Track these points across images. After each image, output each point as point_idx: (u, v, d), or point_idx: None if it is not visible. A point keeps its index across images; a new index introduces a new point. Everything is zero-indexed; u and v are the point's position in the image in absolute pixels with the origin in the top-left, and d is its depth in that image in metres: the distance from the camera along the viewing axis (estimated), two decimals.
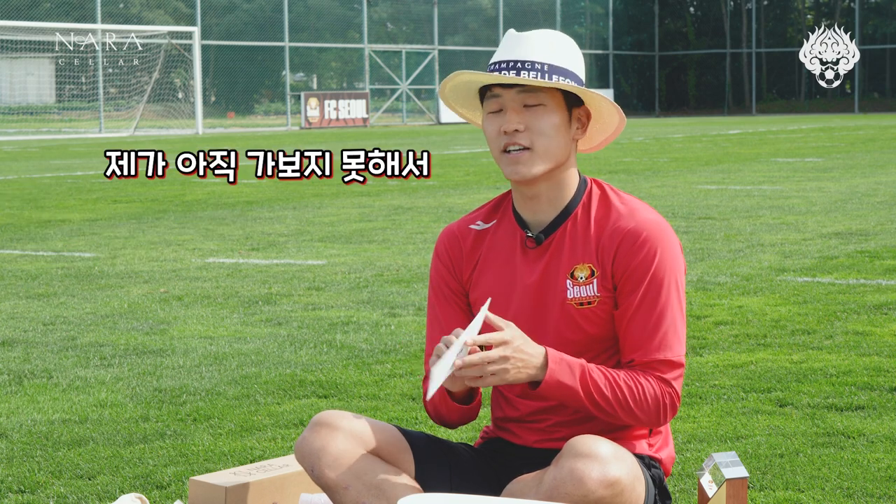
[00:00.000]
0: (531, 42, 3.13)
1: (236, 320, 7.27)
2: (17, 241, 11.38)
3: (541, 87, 3.12)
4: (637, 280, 3.12)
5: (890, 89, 58.71)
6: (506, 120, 3.13)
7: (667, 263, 3.13)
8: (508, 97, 3.13)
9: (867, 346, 6.23)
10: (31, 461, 4.54)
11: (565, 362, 3.02)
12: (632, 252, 3.13)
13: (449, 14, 52.48)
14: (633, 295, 3.12)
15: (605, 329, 3.17)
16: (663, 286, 3.12)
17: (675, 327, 3.13)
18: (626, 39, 59.92)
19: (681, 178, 17.62)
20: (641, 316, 3.12)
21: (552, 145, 3.14)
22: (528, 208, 3.24)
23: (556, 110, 3.14)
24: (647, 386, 3.08)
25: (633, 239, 3.13)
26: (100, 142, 33.58)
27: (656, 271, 3.12)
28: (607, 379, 3.06)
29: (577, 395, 3.03)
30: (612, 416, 3.08)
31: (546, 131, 3.13)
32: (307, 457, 3.12)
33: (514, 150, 3.14)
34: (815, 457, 4.39)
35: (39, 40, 40.22)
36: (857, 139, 28.41)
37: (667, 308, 3.12)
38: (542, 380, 3.00)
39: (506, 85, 3.13)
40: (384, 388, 5.54)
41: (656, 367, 3.11)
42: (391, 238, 11.08)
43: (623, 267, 3.13)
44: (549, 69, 3.10)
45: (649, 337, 3.11)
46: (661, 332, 3.11)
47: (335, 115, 44.27)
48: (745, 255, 9.53)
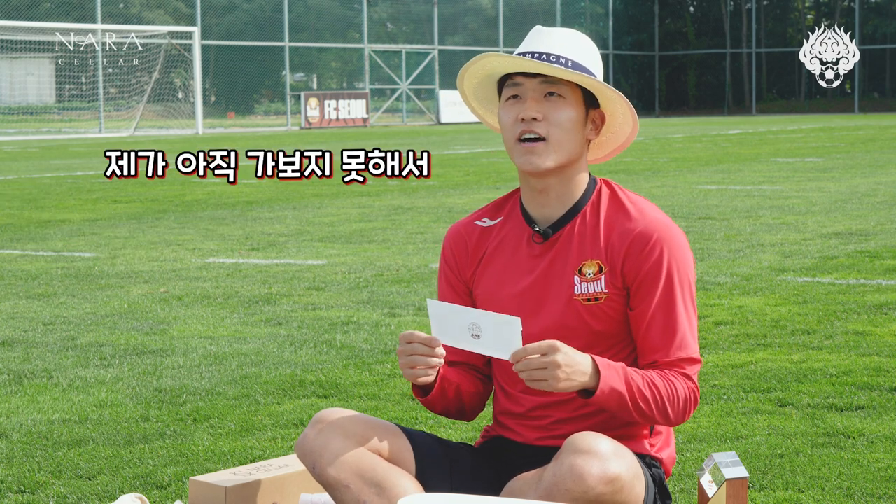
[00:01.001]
0: (557, 37, 3.16)
1: (236, 320, 7.27)
2: (17, 241, 11.38)
3: (562, 80, 3.14)
4: (651, 283, 3.14)
5: (890, 89, 58.71)
6: (525, 107, 3.15)
7: (678, 263, 3.16)
8: (530, 86, 3.15)
9: (867, 346, 6.23)
10: (31, 461, 4.54)
11: (612, 367, 3.03)
12: (643, 255, 3.14)
13: (449, 14, 52.48)
14: (648, 298, 3.14)
15: (611, 325, 3.18)
16: (675, 287, 3.15)
17: (691, 325, 3.18)
18: (626, 39, 59.93)
19: (681, 178, 17.62)
20: (660, 318, 3.14)
21: (567, 139, 3.16)
22: (537, 203, 3.25)
23: (575, 105, 3.16)
24: (677, 384, 3.11)
25: (644, 241, 3.15)
26: (100, 142, 33.58)
27: (669, 273, 3.15)
28: (644, 380, 3.07)
29: (624, 399, 3.03)
30: (648, 417, 3.09)
31: (563, 123, 3.15)
32: (308, 455, 3.13)
33: (530, 137, 3.15)
34: (815, 457, 4.39)
35: (39, 40, 40.22)
36: (857, 139, 28.41)
37: (682, 308, 3.15)
38: (597, 387, 2.99)
39: (528, 74, 3.15)
40: (384, 388, 5.54)
41: (679, 366, 3.14)
42: (391, 238, 11.09)
43: (635, 270, 3.15)
44: (573, 65, 3.14)
45: (670, 338, 3.14)
46: (679, 333, 3.14)
47: (335, 115, 44.28)
48: (745, 255, 9.53)
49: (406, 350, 3.06)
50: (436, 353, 3.05)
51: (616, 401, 3.03)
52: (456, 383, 3.26)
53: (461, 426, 4.86)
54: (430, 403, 3.25)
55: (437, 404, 3.25)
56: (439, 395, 3.22)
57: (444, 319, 3.04)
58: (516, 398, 3.30)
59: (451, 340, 3.04)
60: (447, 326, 3.03)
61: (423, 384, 3.16)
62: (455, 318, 3.02)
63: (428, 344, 3.04)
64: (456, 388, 3.25)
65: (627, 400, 3.03)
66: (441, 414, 3.30)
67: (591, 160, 3.34)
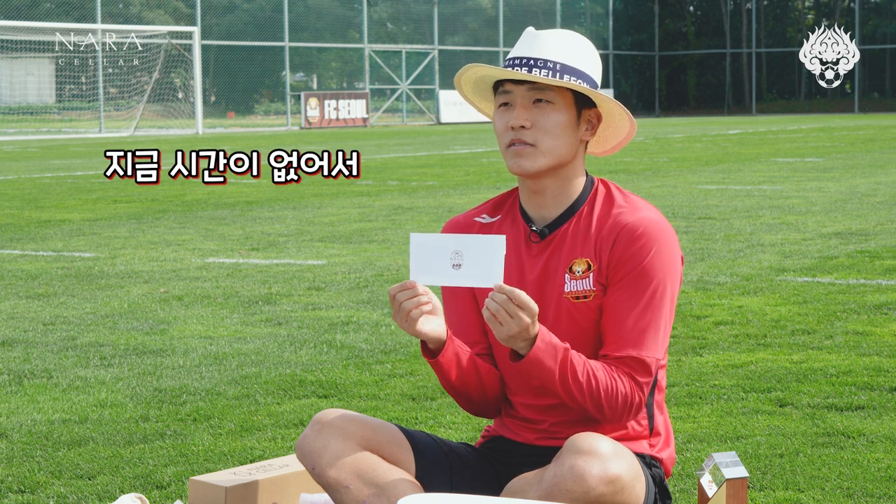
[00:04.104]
0: (546, 41, 3.16)
1: (236, 320, 7.27)
2: (17, 241, 11.38)
3: (550, 86, 3.14)
4: (626, 271, 3.12)
5: (890, 89, 58.71)
6: (513, 115, 3.16)
7: (659, 262, 3.13)
8: (518, 93, 3.16)
9: (867, 346, 6.23)
10: (31, 461, 4.53)
11: (552, 345, 3.02)
12: (626, 244, 3.13)
13: (449, 14, 52.48)
14: (619, 284, 3.13)
15: (598, 323, 3.17)
16: (651, 282, 3.12)
17: (657, 329, 3.12)
18: (626, 39, 59.93)
19: (681, 178, 17.62)
20: (624, 307, 3.11)
21: (556, 144, 3.16)
22: (534, 203, 3.25)
23: (565, 109, 3.16)
24: (619, 384, 3.08)
25: (630, 232, 3.14)
26: (100, 142, 33.58)
27: (647, 266, 3.12)
28: (584, 367, 3.06)
29: (552, 377, 3.03)
30: (580, 404, 3.08)
31: (551, 129, 3.15)
32: (308, 455, 3.13)
33: (519, 145, 3.16)
34: (815, 457, 4.39)
35: (39, 40, 40.22)
36: (857, 139, 28.41)
37: (652, 306, 3.11)
38: (525, 355, 3.00)
39: (517, 81, 3.15)
40: (384, 388, 5.54)
41: (630, 366, 3.10)
42: (391, 238, 11.09)
43: (615, 261, 3.14)
44: (562, 68, 3.13)
45: (629, 330, 3.10)
46: (639, 328, 3.10)
47: (335, 115, 44.29)
48: (745, 255, 9.53)
49: (392, 304, 3.04)
50: (418, 292, 3.02)
51: (543, 374, 3.02)
52: (471, 353, 3.21)
53: (461, 426, 4.86)
54: (443, 368, 3.14)
55: (452, 369, 3.15)
56: (453, 358, 3.14)
57: (425, 253, 3.00)
58: (514, 403, 3.31)
59: (430, 277, 3.00)
60: (428, 261, 2.99)
61: (429, 335, 3.07)
62: (437, 249, 2.98)
63: (407, 288, 3.02)
64: (471, 358, 3.19)
65: (556, 377, 3.03)
66: (458, 388, 3.20)
67: (594, 153, 3.35)
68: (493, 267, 2.93)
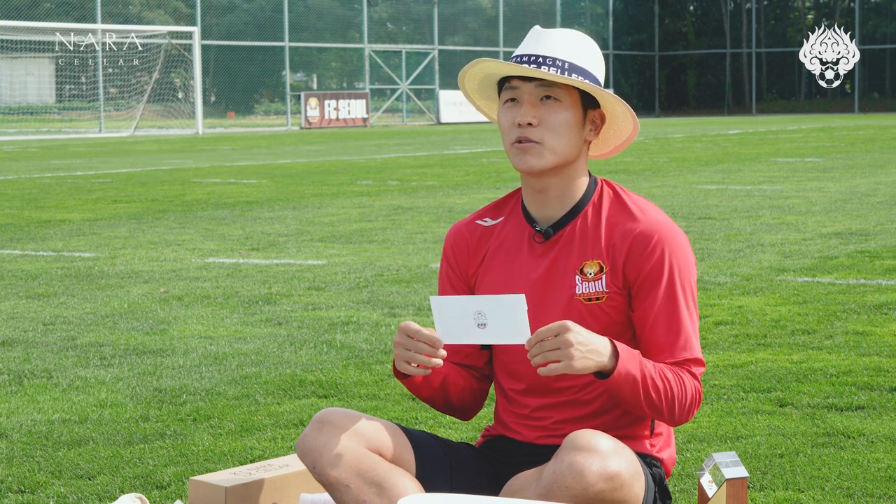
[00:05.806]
0: (554, 39, 3.16)
1: (236, 320, 7.27)
2: (17, 241, 11.38)
3: (558, 83, 3.14)
4: (653, 284, 3.14)
5: (890, 89, 58.72)
6: (520, 112, 3.16)
7: (679, 264, 3.16)
8: (526, 90, 3.16)
9: (867, 346, 6.23)
10: (31, 461, 4.53)
11: (630, 352, 3.03)
12: (644, 255, 3.14)
13: (449, 14, 52.49)
14: (650, 299, 3.14)
15: (612, 325, 3.18)
16: (677, 287, 3.15)
17: (694, 327, 3.18)
18: (626, 39, 59.94)
19: (681, 178, 17.63)
20: (663, 320, 3.14)
21: (562, 142, 3.16)
22: (537, 203, 3.25)
23: (571, 108, 3.17)
24: (686, 380, 3.11)
25: (646, 241, 3.15)
26: (100, 142, 33.58)
27: (670, 274, 3.15)
28: (657, 370, 3.07)
29: (637, 386, 3.02)
30: (657, 409, 3.08)
31: (557, 128, 3.15)
32: (309, 454, 3.13)
33: (525, 142, 3.16)
34: (815, 457, 4.39)
35: (39, 40, 40.23)
36: (857, 139, 28.41)
37: (685, 309, 3.16)
38: (614, 368, 2.99)
39: (525, 78, 3.15)
40: (384, 388, 5.54)
41: (685, 366, 3.14)
42: (391, 238, 11.08)
43: (636, 270, 3.15)
44: (570, 67, 3.14)
45: (674, 339, 3.14)
46: (684, 334, 3.14)
47: (335, 115, 44.30)
48: (745, 255, 9.53)
49: (407, 344, 3.04)
50: (438, 354, 3.03)
51: (630, 386, 3.01)
52: (443, 374, 3.23)
53: (461, 426, 4.86)
54: (413, 387, 3.22)
55: (422, 390, 3.23)
56: (423, 381, 3.20)
57: (448, 315, 3.00)
58: (518, 401, 3.30)
59: (457, 338, 3.00)
60: (452, 322, 3.00)
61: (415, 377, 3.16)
62: (459, 311, 2.98)
63: (432, 344, 3.02)
64: (442, 379, 3.23)
65: (640, 387, 3.02)
66: (426, 402, 3.28)
67: (593, 156, 3.35)
68: (519, 324, 2.93)
